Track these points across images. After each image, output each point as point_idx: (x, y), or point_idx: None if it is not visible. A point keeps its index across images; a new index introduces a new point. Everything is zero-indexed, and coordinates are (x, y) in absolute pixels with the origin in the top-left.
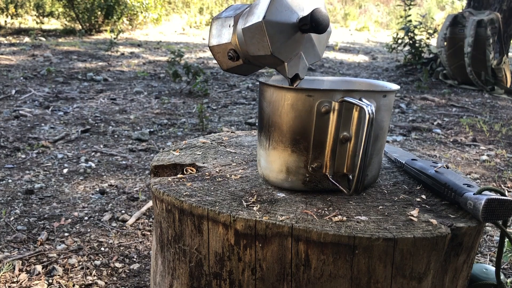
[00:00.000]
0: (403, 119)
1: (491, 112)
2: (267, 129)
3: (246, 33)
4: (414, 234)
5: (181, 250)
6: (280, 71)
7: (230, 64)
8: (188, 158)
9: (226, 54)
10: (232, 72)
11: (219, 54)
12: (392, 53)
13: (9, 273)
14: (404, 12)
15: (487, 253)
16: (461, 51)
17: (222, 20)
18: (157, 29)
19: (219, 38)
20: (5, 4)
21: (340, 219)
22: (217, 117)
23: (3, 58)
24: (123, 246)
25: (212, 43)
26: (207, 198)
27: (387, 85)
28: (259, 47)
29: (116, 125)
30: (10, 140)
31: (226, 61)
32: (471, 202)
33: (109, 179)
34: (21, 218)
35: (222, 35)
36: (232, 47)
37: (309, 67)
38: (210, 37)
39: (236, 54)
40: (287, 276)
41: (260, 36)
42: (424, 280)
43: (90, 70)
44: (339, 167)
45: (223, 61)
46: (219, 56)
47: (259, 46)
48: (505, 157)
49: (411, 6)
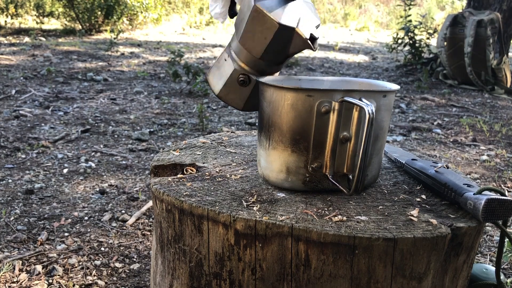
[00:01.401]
0: (403, 119)
1: (491, 112)
2: (267, 129)
3: (249, 29)
4: (414, 234)
5: (181, 250)
6: (296, 41)
7: (244, 94)
8: (188, 158)
9: (237, 85)
10: (250, 108)
11: (230, 94)
12: (392, 53)
13: (9, 273)
14: (404, 12)
15: (487, 253)
16: (461, 51)
17: (216, 65)
18: (157, 29)
19: (222, 78)
20: (5, 4)
21: (340, 219)
22: (217, 117)
23: (3, 58)
24: (123, 246)
25: (218, 89)
26: (207, 198)
27: (387, 85)
28: (265, 31)
29: (116, 125)
30: (10, 140)
31: (239, 96)
32: (471, 202)
33: (109, 179)
34: (21, 218)
35: (223, 73)
36: (240, 72)
37: (309, 67)
38: (213, 87)
39: (246, 75)
40: (287, 276)
41: (262, 20)
42: (424, 280)
43: (90, 70)
44: (339, 167)
45: (236, 98)
46: (231, 96)
47: (264, 32)
48: (505, 157)
49: (411, 6)
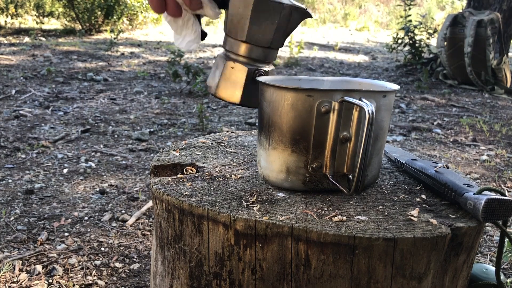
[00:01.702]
0: (403, 119)
1: (491, 112)
2: (267, 129)
3: (254, 22)
4: (414, 234)
5: (181, 250)
6: (295, 16)
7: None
8: (188, 158)
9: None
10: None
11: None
12: (392, 53)
13: (9, 273)
14: (404, 12)
15: (487, 253)
16: (461, 51)
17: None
18: (157, 29)
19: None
20: (5, 4)
21: (340, 219)
22: (217, 117)
23: (3, 58)
24: (123, 246)
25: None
26: (207, 198)
27: (387, 85)
28: (271, 17)
29: (116, 125)
30: (10, 140)
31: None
32: (471, 202)
33: (109, 179)
34: (21, 218)
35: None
36: (253, 70)
37: (309, 67)
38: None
39: (260, 70)
40: (287, 276)
41: (266, 6)
42: (424, 280)
43: (90, 70)
44: (339, 167)
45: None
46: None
47: (271, 17)
48: (505, 157)
49: (411, 6)
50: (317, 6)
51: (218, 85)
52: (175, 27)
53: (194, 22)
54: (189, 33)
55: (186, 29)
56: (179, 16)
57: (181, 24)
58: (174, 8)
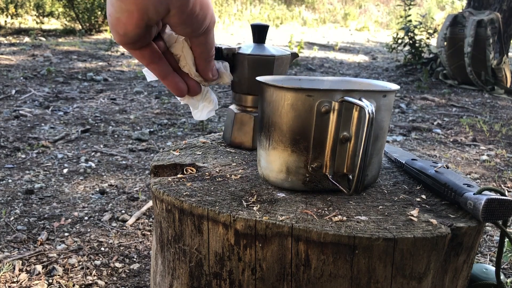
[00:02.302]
0: (403, 119)
1: (491, 112)
2: (267, 129)
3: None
4: (414, 234)
5: (181, 250)
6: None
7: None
8: (188, 158)
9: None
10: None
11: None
12: (392, 53)
13: (9, 273)
14: (404, 12)
15: (487, 253)
16: (461, 51)
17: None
18: None
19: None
20: (5, 4)
21: (340, 219)
22: (217, 117)
23: (3, 58)
24: (123, 246)
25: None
26: (207, 198)
27: (387, 85)
28: (268, 67)
29: (116, 125)
30: (10, 140)
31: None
32: (471, 202)
33: (109, 179)
34: (21, 218)
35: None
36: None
37: (309, 67)
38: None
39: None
40: (287, 276)
41: (258, 63)
42: (424, 280)
43: (90, 70)
44: (339, 167)
45: None
46: None
47: (267, 68)
48: (505, 157)
49: (411, 6)
50: (317, 6)
51: (232, 135)
52: (193, 103)
53: (209, 91)
54: (207, 104)
55: (204, 101)
56: (200, 92)
57: (199, 98)
58: (196, 87)
